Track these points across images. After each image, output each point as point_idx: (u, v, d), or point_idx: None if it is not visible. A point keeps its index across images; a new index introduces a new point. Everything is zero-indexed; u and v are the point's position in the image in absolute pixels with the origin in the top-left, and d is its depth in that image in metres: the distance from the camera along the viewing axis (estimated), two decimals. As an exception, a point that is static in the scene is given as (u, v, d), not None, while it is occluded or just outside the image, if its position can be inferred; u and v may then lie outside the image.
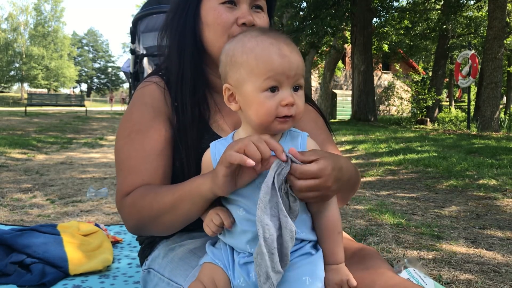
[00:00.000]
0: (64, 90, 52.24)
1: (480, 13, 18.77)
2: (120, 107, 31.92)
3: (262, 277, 0.80)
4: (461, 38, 21.16)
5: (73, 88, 60.84)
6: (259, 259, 0.80)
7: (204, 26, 1.11)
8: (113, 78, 70.49)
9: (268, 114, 0.88)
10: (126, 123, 1.12)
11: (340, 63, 23.83)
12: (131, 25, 3.67)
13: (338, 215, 0.94)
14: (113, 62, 72.15)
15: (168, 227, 1.02)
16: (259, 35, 0.92)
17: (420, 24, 20.04)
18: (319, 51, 18.40)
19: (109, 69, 70.42)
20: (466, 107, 15.26)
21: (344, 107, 22.13)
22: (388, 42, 20.81)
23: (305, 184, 0.82)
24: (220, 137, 1.12)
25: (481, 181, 4.60)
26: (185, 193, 0.93)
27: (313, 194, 0.83)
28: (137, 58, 3.82)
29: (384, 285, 0.93)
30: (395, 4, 18.52)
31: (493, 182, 4.53)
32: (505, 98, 27.20)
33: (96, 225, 2.28)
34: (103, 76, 71.57)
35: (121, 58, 76.65)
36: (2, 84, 47.74)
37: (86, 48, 69.67)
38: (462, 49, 17.13)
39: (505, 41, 14.34)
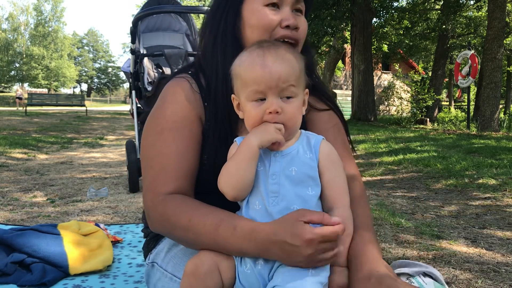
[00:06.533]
0: (64, 90, 52.27)
1: (480, 13, 18.78)
2: (119, 107, 31.87)
3: None
4: (460, 38, 21.16)
5: (73, 88, 60.83)
6: None
7: (246, 27, 1.10)
8: (113, 78, 70.50)
9: (255, 122, 0.95)
10: (159, 119, 1.10)
11: (340, 63, 23.84)
12: (131, 25, 3.68)
13: (349, 216, 0.97)
14: (113, 62, 72.26)
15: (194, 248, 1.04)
16: (255, 48, 0.98)
17: (420, 24, 20.04)
18: (319, 51, 18.39)
19: (109, 69, 70.41)
20: (466, 107, 15.26)
21: (344, 107, 22.11)
22: (388, 42, 20.80)
23: None
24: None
25: (480, 181, 4.60)
26: (224, 244, 0.93)
27: None
28: (137, 58, 3.83)
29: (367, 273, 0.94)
30: (395, 4, 18.52)
31: (492, 182, 4.54)
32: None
33: (96, 224, 2.28)
34: (103, 76, 71.57)
35: (121, 58, 76.72)
36: (3, 84, 47.77)
37: (86, 48, 69.67)
38: (462, 49, 17.13)
39: (504, 41, 14.36)
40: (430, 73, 22.29)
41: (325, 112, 1.23)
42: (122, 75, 61.63)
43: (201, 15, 4.77)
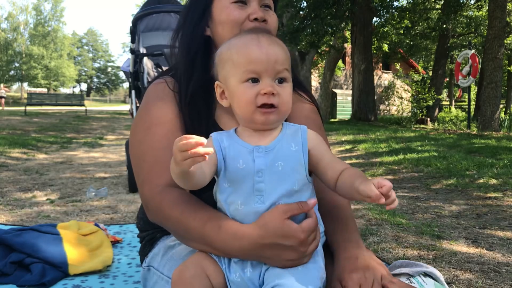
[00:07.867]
0: (63, 90, 52.27)
1: (480, 12, 18.76)
2: (118, 107, 31.87)
3: None
4: (461, 37, 21.12)
5: (73, 87, 60.86)
6: None
7: (216, 24, 1.14)
8: (113, 78, 70.45)
9: (248, 103, 0.91)
10: (145, 117, 1.14)
11: (340, 63, 23.81)
12: (131, 24, 3.68)
13: (357, 170, 0.98)
14: (113, 61, 72.13)
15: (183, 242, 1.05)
16: (245, 34, 0.98)
17: (420, 24, 20.02)
18: (319, 51, 18.39)
19: (109, 69, 70.35)
20: (466, 106, 15.25)
21: (344, 107, 22.13)
22: (388, 42, 20.78)
23: None
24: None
25: (481, 181, 4.60)
26: (210, 241, 0.93)
27: None
28: (137, 58, 3.83)
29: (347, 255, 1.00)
30: (395, 3, 18.52)
31: (493, 181, 4.53)
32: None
33: (96, 224, 2.27)
34: (102, 76, 71.49)
35: (121, 57, 76.66)
36: (2, 84, 47.72)
37: (86, 47, 69.57)
38: (463, 49, 17.12)
39: (505, 41, 14.35)
40: (430, 73, 22.28)
41: (307, 105, 1.27)
42: (121, 74, 61.59)
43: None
